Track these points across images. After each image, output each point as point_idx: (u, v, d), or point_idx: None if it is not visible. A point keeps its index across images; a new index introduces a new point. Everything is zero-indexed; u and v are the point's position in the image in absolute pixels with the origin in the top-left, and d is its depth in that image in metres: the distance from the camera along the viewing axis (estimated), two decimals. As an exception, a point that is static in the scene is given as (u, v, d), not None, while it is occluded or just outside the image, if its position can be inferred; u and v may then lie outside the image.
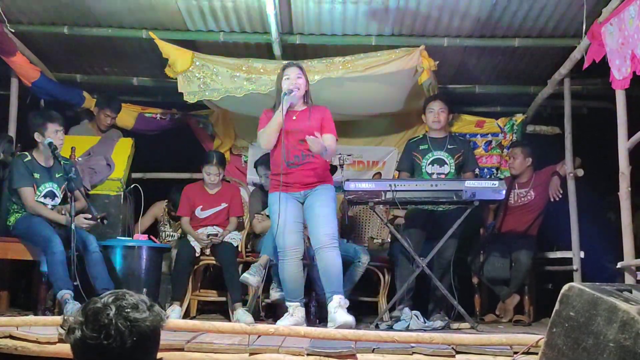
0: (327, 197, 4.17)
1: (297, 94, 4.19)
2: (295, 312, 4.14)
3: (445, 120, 5.06)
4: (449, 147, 5.01)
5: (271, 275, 4.83)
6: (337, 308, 3.98)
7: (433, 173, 4.97)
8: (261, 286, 4.97)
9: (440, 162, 5.00)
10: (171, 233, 5.99)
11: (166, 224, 6.03)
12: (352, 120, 6.04)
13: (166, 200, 5.98)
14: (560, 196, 5.20)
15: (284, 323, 3.96)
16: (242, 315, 4.74)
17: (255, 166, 5.48)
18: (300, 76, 4.23)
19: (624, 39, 3.87)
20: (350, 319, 3.91)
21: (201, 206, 5.24)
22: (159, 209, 6.01)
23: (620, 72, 3.99)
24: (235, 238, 5.13)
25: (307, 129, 4.11)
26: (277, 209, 4.11)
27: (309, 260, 4.55)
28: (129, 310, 1.70)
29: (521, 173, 5.45)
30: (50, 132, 4.57)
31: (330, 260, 4.05)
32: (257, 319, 4.98)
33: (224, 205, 5.26)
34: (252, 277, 4.55)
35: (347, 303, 4.05)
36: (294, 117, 4.21)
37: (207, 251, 5.06)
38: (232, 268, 4.94)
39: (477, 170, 5.22)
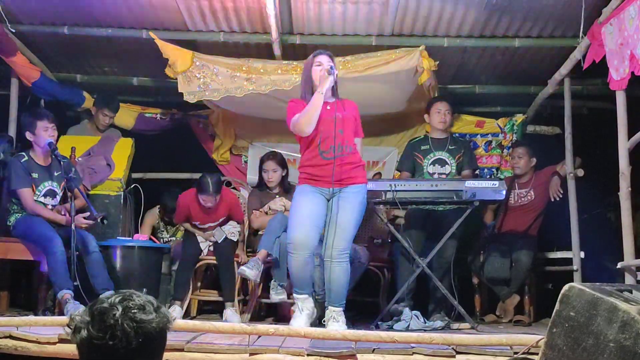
0: (355, 203, 3.97)
1: (334, 77, 3.97)
2: (305, 305, 4.05)
3: (450, 121, 5.15)
4: (450, 147, 5.06)
5: (271, 274, 4.83)
6: (331, 321, 3.96)
7: (434, 173, 5.02)
8: (260, 285, 4.98)
9: (442, 163, 5.04)
10: (169, 238, 5.98)
11: (163, 230, 6.03)
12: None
13: (158, 206, 5.97)
14: (561, 196, 5.20)
15: (299, 323, 3.87)
16: (230, 315, 4.76)
17: (262, 161, 5.32)
18: (331, 63, 4.05)
19: (624, 39, 3.88)
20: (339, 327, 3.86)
21: (198, 222, 5.17)
22: (153, 217, 5.99)
23: (618, 73, 3.99)
24: (235, 232, 5.10)
25: (345, 118, 3.98)
26: (301, 198, 3.97)
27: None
28: (135, 311, 1.70)
29: (524, 173, 5.46)
30: (40, 129, 4.55)
31: (336, 274, 3.97)
32: (258, 319, 4.99)
33: (221, 219, 5.18)
34: (250, 271, 4.53)
35: (342, 317, 4.01)
36: (328, 107, 4.02)
37: (211, 248, 5.06)
38: (228, 266, 4.94)
39: (477, 171, 5.23)
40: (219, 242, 4.99)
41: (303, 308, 4.05)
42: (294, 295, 4.12)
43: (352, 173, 4.00)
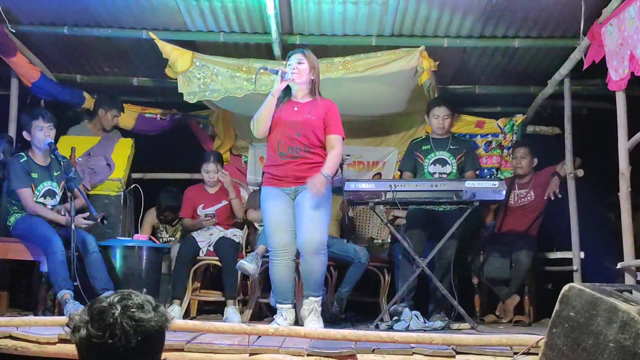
0: (319, 196, 3.95)
1: (294, 78, 4.01)
2: (288, 315, 4.06)
3: (449, 125, 5.15)
4: (451, 147, 5.07)
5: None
6: (312, 315, 3.97)
7: (435, 173, 5.03)
8: (260, 285, 4.98)
9: (443, 162, 5.05)
10: (168, 238, 6.00)
11: (162, 230, 6.05)
12: (352, 121, 6.03)
13: (155, 207, 5.99)
14: (559, 196, 5.20)
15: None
16: (231, 315, 4.76)
17: None
18: (301, 61, 4.03)
19: (623, 39, 3.88)
20: (318, 327, 3.88)
21: (202, 204, 5.29)
22: (153, 217, 6.02)
23: (617, 73, 3.99)
24: (237, 235, 5.13)
25: (306, 122, 4.00)
26: (268, 205, 4.03)
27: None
28: (134, 310, 1.71)
29: (526, 173, 5.46)
30: (35, 129, 4.56)
31: (314, 267, 3.97)
32: (258, 319, 4.99)
33: (224, 202, 5.32)
34: (249, 264, 4.51)
35: (320, 308, 4.03)
36: (295, 109, 4.06)
37: (211, 248, 5.06)
38: (231, 265, 4.94)
39: (477, 171, 5.24)
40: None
41: (286, 317, 4.05)
42: (277, 305, 4.12)
43: (310, 172, 3.98)
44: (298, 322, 4.33)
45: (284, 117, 4.02)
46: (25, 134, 4.61)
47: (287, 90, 4.14)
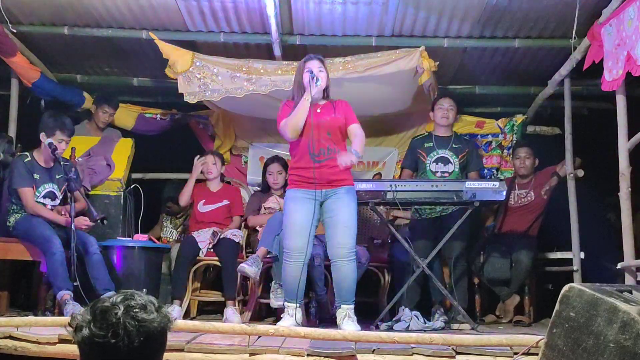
0: (350, 202, 4.04)
1: (321, 84, 4.09)
2: (295, 313, 4.10)
3: (453, 118, 5.14)
4: (453, 146, 5.07)
5: (271, 275, 4.83)
6: (346, 319, 3.98)
7: (437, 171, 5.02)
8: (260, 285, 4.98)
9: (445, 161, 5.04)
10: (171, 229, 6.02)
11: (167, 219, 6.09)
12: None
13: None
14: (549, 192, 5.21)
15: (284, 324, 3.95)
16: (231, 315, 4.76)
17: (267, 165, 5.40)
18: (322, 69, 4.12)
19: (621, 40, 3.87)
20: (356, 329, 3.89)
21: (203, 200, 5.31)
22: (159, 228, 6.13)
23: (611, 74, 3.99)
24: (237, 235, 5.14)
25: (333, 120, 4.07)
26: (291, 207, 4.07)
27: (310, 261, 4.54)
28: (137, 310, 1.70)
29: (529, 174, 5.46)
30: (56, 139, 4.56)
31: (346, 273, 4.02)
32: (258, 319, 4.99)
33: (225, 202, 5.33)
34: (249, 268, 4.52)
35: (354, 315, 4.04)
36: (318, 110, 4.11)
37: (211, 248, 5.07)
38: (231, 265, 4.95)
39: (480, 171, 5.24)
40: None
41: (293, 314, 4.09)
42: (286, 303, 4.17)
43: (341, 175, 4.06)
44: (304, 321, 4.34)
45: (311, 119, 4.05)
46: (43, 135, 4.57)
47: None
